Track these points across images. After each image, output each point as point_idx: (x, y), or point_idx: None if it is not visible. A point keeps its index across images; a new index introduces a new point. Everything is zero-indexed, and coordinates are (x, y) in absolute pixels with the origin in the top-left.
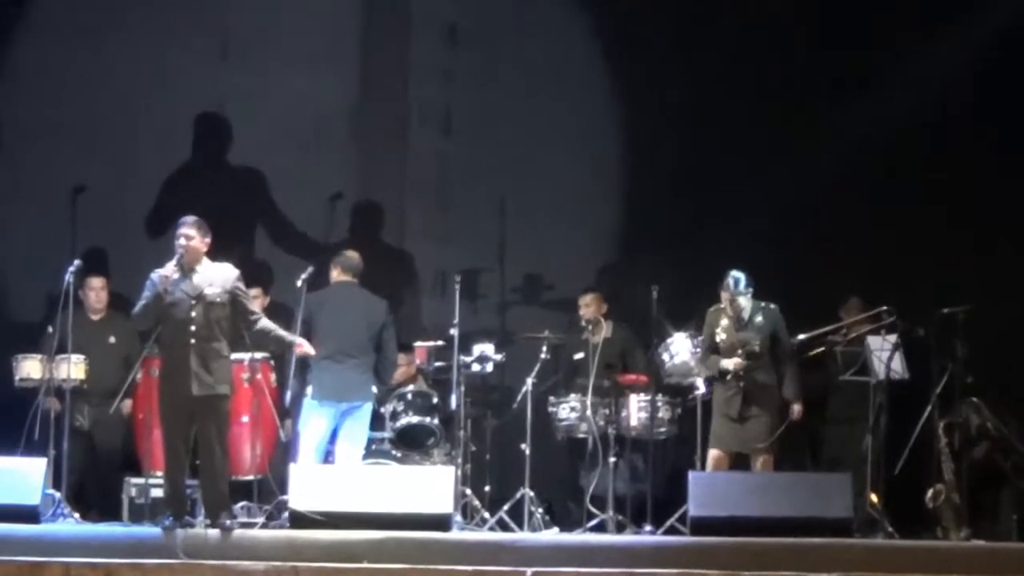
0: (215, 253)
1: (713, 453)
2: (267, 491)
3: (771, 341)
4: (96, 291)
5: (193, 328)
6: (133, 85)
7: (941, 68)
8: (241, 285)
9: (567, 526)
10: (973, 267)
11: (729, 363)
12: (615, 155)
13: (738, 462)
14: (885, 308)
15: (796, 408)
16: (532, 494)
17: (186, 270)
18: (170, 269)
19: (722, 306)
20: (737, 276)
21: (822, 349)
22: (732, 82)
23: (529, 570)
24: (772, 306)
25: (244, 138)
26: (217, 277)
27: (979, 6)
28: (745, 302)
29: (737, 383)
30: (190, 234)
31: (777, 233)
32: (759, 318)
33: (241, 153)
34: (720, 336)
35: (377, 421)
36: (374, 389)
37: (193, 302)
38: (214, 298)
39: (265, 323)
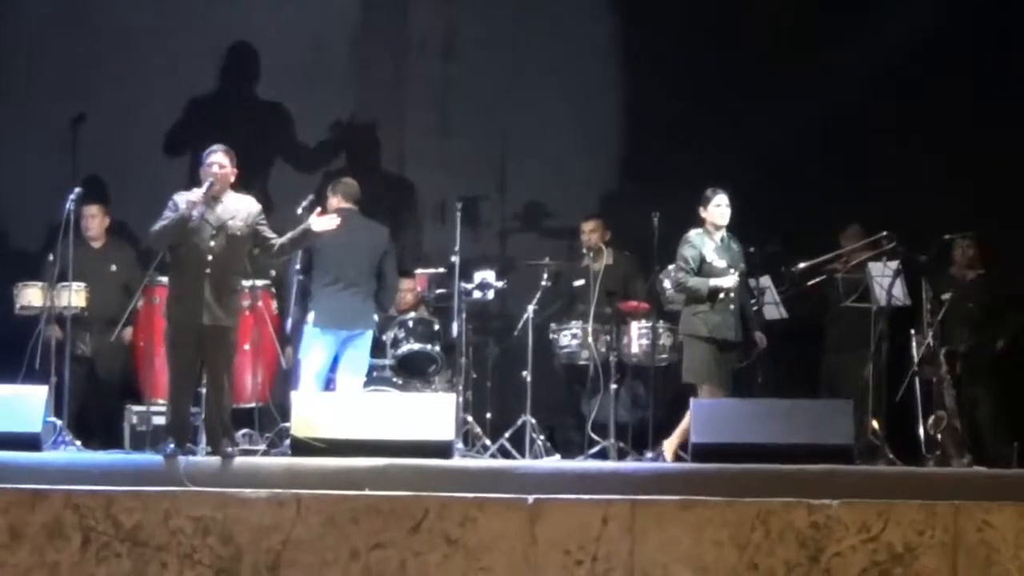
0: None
1: (714, 391)
2: (268, 419)
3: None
4: (88, 219)
5: (210, 258)
6: (132, 14)
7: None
8: (263, 219)
9: (568, 453)
10: (974, 193)
11: (727, 280)
12: (618, 82)
13: None
14: (885, 234)
15: (760, 336)
16: (533, 421)
17: (210, 198)
18: (198, 195)
19: (701, 230)
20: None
21: (823, 277)
22: (736, 7)
23: (530, 497)
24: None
25: (244, 65)
26: (241, 209)
27: None
28: (729, 216)
29: (729, 305)
30: (223, 162)
31: (778, 159)
32: (734, 244)
33: (241, 80)
34: (711, 258)
35: (378, 348)
36: (375, 317)
37: (214, 231)
38: (235, 231)
39: (282, 240)
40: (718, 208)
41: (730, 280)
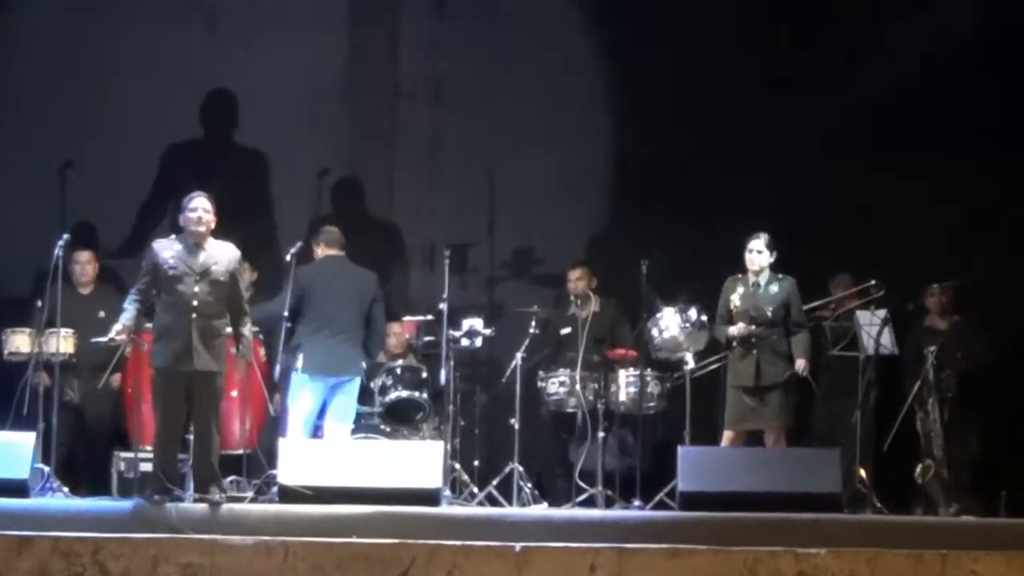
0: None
1: (727, 435)
2: (256, 465)
3: (784, 311)
4: (81, 265)
5: (196, 303)
6: (121, 59)
7: (934, 34)
8: (241, 266)
9: (556, 501)
10: (963, 242)
11: (734, 329)
12: (606, 128)
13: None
14: (874, 283)
15: (801, 363)
16: (521, 469)
17: (193, 245)
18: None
19: (739, 276)
20: (764, 235)
21: (812, 324)
22: (724, 51)
23: (518, 544)
24: (788, 277)
25: (232, 112)
26: (223, 256)
27: None
28: (765, 262)
29: (750, 351)
30: (207, 207)
31: (767, 209)
32: (774, 287)
33: (229, 127)
34: (735, 304)
35: (366, 395)
36: (363, 364)
37: (198, 278)
38: (218, 276)
39: (247, 316)
40: (749, 254)
41: (735, 329)
